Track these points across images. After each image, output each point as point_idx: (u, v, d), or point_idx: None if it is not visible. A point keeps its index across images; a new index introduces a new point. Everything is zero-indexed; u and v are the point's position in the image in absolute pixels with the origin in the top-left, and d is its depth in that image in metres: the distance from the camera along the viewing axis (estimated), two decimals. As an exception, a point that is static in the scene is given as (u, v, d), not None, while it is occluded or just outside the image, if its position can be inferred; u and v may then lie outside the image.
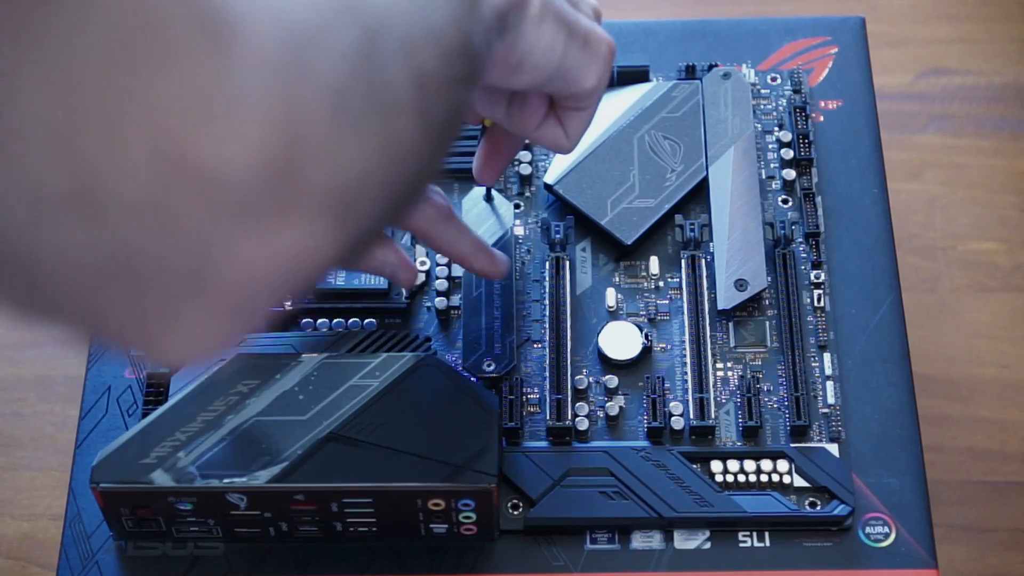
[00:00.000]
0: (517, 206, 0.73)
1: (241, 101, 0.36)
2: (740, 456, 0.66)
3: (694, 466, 0.65)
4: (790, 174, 0.74)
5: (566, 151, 0.63)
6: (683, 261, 0.71)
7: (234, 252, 0.37)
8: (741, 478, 0.65)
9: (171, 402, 0.62)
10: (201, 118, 0.35)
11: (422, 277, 0.71)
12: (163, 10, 0.34)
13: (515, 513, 0.65)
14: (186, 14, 0.35)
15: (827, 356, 0.69)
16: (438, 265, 0.71)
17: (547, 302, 0.70)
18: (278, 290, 0.40)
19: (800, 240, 0.72)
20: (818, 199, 0.73)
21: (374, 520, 0.63)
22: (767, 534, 0.64)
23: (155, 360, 0.40)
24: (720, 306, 0.69)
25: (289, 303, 0.64)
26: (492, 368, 0.67)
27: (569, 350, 0.68)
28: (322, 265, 0.41)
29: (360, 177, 0.40)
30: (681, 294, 0.70)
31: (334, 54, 0.39)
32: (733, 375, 0.68)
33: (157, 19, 0.34)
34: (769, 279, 0.70)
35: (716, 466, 0.66)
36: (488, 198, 0.72)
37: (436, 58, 0.44)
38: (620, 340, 0.69)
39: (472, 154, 0.67)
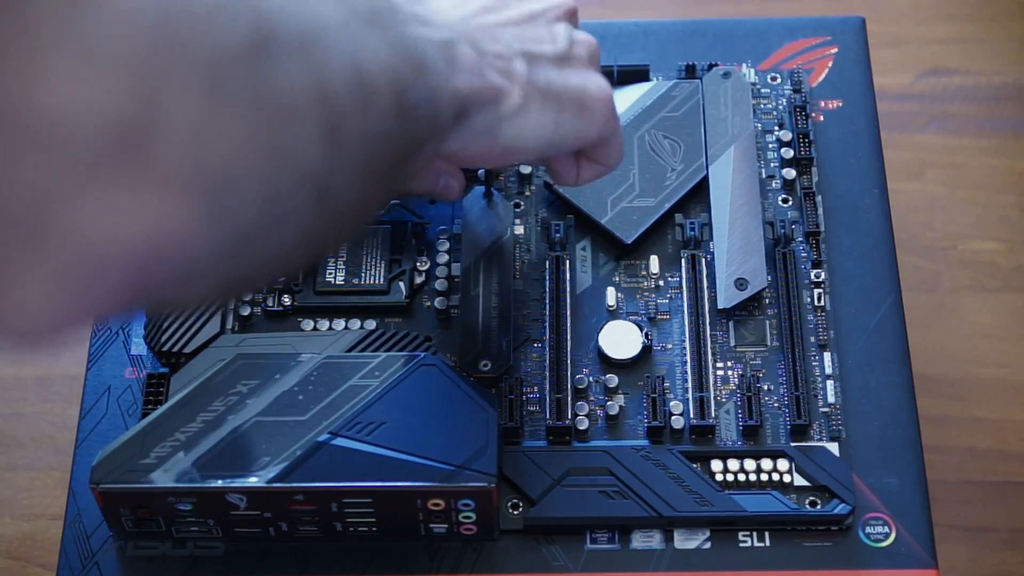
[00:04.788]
0: (517, 205, 0.73)
1: (94, 54, 0.34)
2: (740, 455, 0.66)
3: (694, 465, 0.65)
4: (790, 173, 0.74)
5: (572, 185, 0.64)
6: (683, 260, 0.71)
7: (76, 216, 0.36)
8: (741, 477, 0.65)
9: (171, 402, 0.62)
10: (39, 61, 0.34)
11: (422, 276, 0.71)
12: None
13: (515, 513, 0.65)
14: None
15: (827, 355, 0.69)
16: (438, 265, 0.71)
17: (547, 301, 0.70)
18: (135, 269, 0.38)
19: (800, 239, 0.72)
20: (818, 198, 0.73)
21: (374, 520, 0.63)
22: (767, 534, 0.64)
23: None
24: (720, 305, 0.69)
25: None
26: (488, 368, 0.67)
27: (569, 349, 0.68)
28: (191, 251, 0.39)
29: (236, 167, 0.39)
30: (681, 293, 0.70)
31: (217, 34, 0.38)
32: (733, 374, 0.68)
33: None
34: (769, 278, 0.70)
35: (716, 465, 0.66)
36: (487, 197, 0.72)
37: (349, 88, 0.43)
38: (620, 339, 0.69)
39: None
